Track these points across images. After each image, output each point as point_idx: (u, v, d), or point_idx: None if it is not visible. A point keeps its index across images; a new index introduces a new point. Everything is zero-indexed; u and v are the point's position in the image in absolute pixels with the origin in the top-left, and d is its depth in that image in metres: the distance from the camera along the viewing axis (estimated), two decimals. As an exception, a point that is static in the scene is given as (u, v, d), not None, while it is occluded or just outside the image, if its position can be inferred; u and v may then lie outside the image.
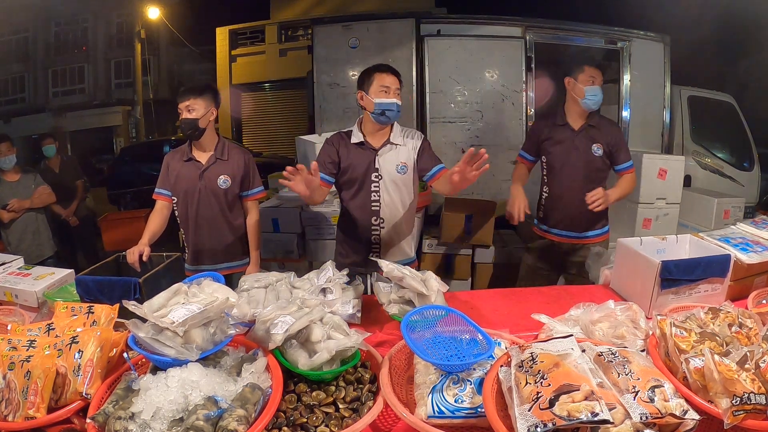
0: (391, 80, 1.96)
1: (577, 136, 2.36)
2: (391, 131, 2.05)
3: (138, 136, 12.71)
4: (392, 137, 2.04)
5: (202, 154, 2.20)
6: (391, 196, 2.05)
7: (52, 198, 3.66)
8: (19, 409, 0.99)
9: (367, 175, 2.03)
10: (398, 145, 2.04)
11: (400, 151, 2.04)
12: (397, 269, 1.44)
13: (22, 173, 3.54)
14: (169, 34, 12.89)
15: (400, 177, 2.04)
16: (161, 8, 11.79)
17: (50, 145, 4.25)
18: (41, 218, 3.59)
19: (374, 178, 2.03)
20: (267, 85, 10.63)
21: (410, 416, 0.97)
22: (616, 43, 4.52)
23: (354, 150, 2.04)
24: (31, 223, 3.50)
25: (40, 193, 3.54)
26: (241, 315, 1.24)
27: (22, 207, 3.44)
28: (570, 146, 2.37)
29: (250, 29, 10.39)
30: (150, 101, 12.96)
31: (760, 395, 0.90)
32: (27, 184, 3.52)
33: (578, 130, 2.36)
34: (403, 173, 2.04)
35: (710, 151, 4.88)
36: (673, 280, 1.48)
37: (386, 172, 2.03)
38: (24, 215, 3.46)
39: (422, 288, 1.40)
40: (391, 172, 2.03)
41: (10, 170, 3.46)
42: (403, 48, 4.20)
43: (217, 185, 2.18)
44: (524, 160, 2.55)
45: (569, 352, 0.96)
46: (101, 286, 1.44)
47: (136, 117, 12.79)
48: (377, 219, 2.07)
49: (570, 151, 2.37)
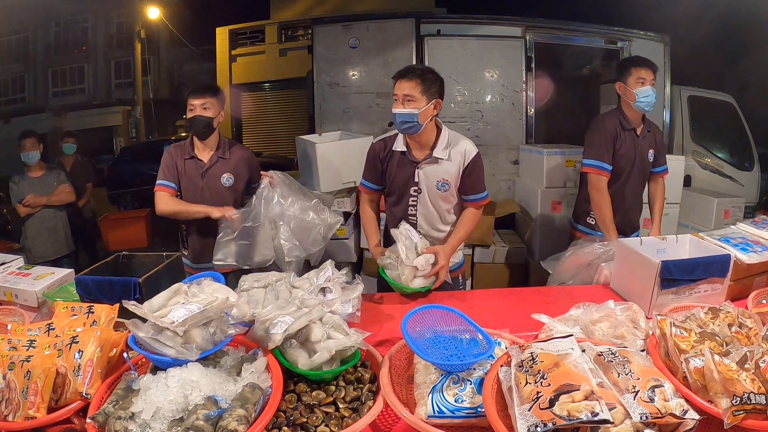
0: (399, 87, 1.79)
1: (640, 140, 2.31)
2: (436, 142, 1.88)
3: (138, 136, 12.71)
4: (435, 150, 1.87)
5: (204, 153, 2.20)
6: (429, 211, 1.95)
7: (71, 197, 3.67)
8: (19, 409, 0.99)
9: (406, 187, 1.93)
10: (441, 159, 1.87)
11: (442, 167, 1.89)
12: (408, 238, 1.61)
13: (46, 170, 3.57)
14: (169, 34, 12.88)
15: (441, 193, 1.91)
16: (161, 8, 11.79)
17: (70, 143, 4.39)
18: (60, 216, 3.60)
19: (413, 192, 1.93)
20: (267, 85, 10.62)
21: (410, 416, 0.97)
22: (616, 43, 4.52)
23: (397, 159, 1.93)
24: (48, 220, 3.52)
25: (59, 191, 3.56)
26: (240, 315, 1.24)
27: (38, 203, 3.45)
28: (635, 152, 2.30)
29: (250, 29, 10.38)
30: (150, 101, 12.96)
31: (760, 395, 0.90)
32: (49, 181, 3.54)
33: (640, 135, 2.31)
34: (444, 191, 1.91)
35: (710, 151, 4.88)
36: (673, 280, 1.48)
37: (426, 187, 1.91)
38: (42, 211, 3.48)
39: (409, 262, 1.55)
40: (431, 188, 1.91)
41: (35, 166, 3.49)
42: (403, 48, 4.20)
43: (221, 183, 2.18)
44: (606, 173, 2.24)
45: (569, 352, 0.96)
46: (101, 286, 1.44)
47: (136, 117, 12.79)
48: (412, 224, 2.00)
49: (635, 157, 2.30)
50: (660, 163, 2.42)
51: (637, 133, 2.30)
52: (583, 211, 2.45)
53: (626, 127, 2.28)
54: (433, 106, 1.80)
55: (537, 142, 4.34)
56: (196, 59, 13.67)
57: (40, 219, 3.49)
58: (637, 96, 2.18)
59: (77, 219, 4.27)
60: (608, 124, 2.28)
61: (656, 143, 2.38)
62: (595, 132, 2.30)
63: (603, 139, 2.25)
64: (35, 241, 3.50)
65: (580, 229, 2.49)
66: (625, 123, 2.28)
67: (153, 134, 12.75)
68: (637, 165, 2.32)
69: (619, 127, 2.27)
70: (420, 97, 1.77)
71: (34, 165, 3.48)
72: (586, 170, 2.30)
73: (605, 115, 2.38)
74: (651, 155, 2.35)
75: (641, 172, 2.35)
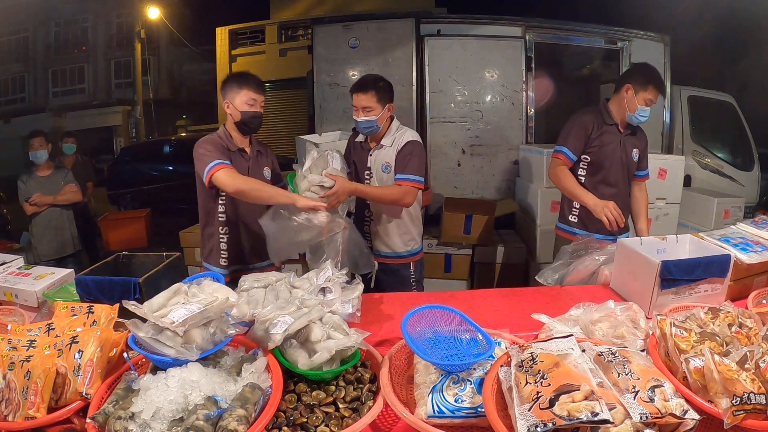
0: (357, 99, 2.09)
1: (623, 138, 2.32)
2: (386, 132, 2.21)
3: (138, 136, 12.72)
4: (384, 139, 2.20)
5: (245, 145, 2.09)
6: None
7: (77, 197, 3.71)
8: (19, 409, 0.99)
9: (361, 172, 2.27)
10: (385, 146, 2.20)
11: (386, 152, 2.20)
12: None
13: (54, 169, 3.62)
14: (169, 34, 12.90)
15: (386, 176, 2.20)
16: (161, 8, 11.79)
17: (70, 143, 4.47)
18: (66, 215, 3.64)
19: (366, 176, 2.25)
20: (267, 85, 10.60)
21: (410, 416, 0.97)
22: (616, 43, 4.52)
23: (358, 148, 2.30)
24: (54, 219, 3.55)
25: (65, 191, 3.59)
26: (240, 315, 1.24)
27: (44, 202, 3.49)
28: (617, 148, 2.31)
29: (250, 29, 10.37)
30: (150, 101, 12.97)
31: (760, 395, 0.90)
32: (56, 181, 3.58)
33: (623, 133, 2.32)
34: (386, 173, 2.20)
35: (710, 151, 4.88)
36: (673, 280, 1.47)
37: (375, 171, 2.22)
38: (48, 210, 3.52)
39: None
40: (378, 171, 2.21)
41: (43, 165, 3.54)
42: (403, 48, 4.20)
43: (263, 176, 2.10)
44: (567, 159, 2.30)
45: (569, 352, 0.96)
46: (101, 286, 1.44)
47: (136, 117, 12.80)
48: (368, 212, 2.30)
49: (617, 153, 2.31)
50: (642, 167, 2.43)
51: (620, 129, 2.32)
52: (565, 208, 2.46)
53: (608, 122, 2.30)
54: (387, 109, 2.14)
55: (537, 142, 4.34)
56: (196, 59, 13.69)
57: (47, 217, 3.53)
58: (637, 112, 2.22)
59: (79, 219, 4.28)
60: (585, 119, 2.31)
61: (641, 146, 2.38)
62: (569, 124, 2.35)
63: (574, 131, 2.31)
64: (42, 239, 3.54)
65: (559, 226, 2.49)
66: (608, 118, 2.31)
67: (153, 134, 12.76)
68: (619, 158, 2.31)
69: (599, 122, 2.30)
70: (376, 105, 2.09)
71: (42, 164, 3.53)
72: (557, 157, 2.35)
73: (586, 110, 2.40)
74: (635, 155, 2.35)
75: (624, 166, 2.34)
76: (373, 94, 2.08)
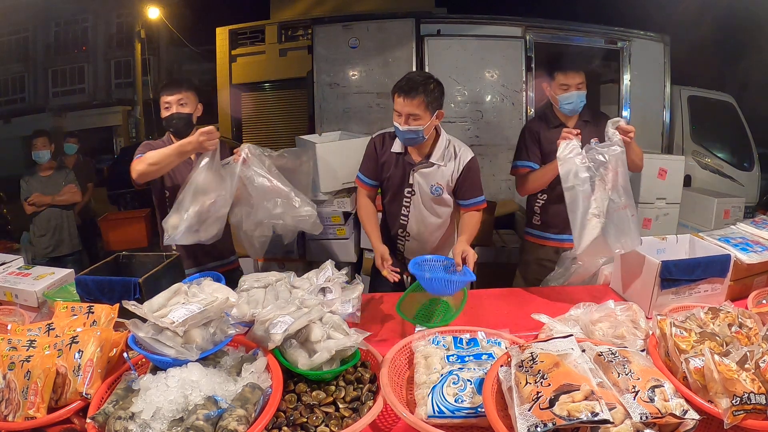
0: (402, 105, 1.73)
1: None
2: (434, 146, 1.88)
3: (138, 136, 12.69)
4: (432, 156, 1.88)
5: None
6: (421, 213, 1.97)
7: (77, 197, 3.73)
8: (19, 409, 0.99)
9: (401, 188, 1.95)
10: (437, 165, 1.88)
11: (439, 172, 1.89)
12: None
13: (56, 170, 3.64)
14: (169, 34, 12.88)
15: (434, 197, 1.93)
16: (161, 8, 11.77)
17: (72, 143, 4.46)
18: (67, 215, 3.66)
19: (407, 194, 1.95)
20: (267, 85, 10.61)
21: (410, 416, 0.97)
22: (616, 43, 4.52)
23: (394, 159, 1.93)
24: (54, 219, 3.57)
25: (65, 191, 3.61)
26: (240, 315, 1.24)
27: (43, 202, 3.51)
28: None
29: (250, 29, 10.36)
30: (150, 101, 12.93)
31: (760, 395, 0.90)
32: (57, 181, 3.60)
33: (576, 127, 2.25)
34: (437, 194, 1.92)
35: (710, 151, 4.88)
36: (673, 280, 1.48)
37: (420, 190, 1.93)
38: (48, 210, 3.54)
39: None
40: (425, 191, 1.92)
41: (45, 165, 3.56)
42: (403, 48, 4.19)
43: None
44: (529, 169, 2.22)
45: (569, 352, 0.96)
46: (101, 286, 1.44)
47: (136, 117, 12.79)
48: (403, 232, 2.03)
49: None
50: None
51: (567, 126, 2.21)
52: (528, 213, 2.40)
53: (553, 124, 2.24)
54: (435, 116, 1.78)
55: (537, 142, 4.33)
56: (196, 59, 13.66)
57: (47, 217, 3.55)
58: (560, 102, 2.17)
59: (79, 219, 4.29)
60: (531, 125, 2.30)
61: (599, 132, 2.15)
62: (519, 137, 2.31)
63: (523, 141, 2.27)
64: (42, 238, 3.56)
65: (526, 230, 2.41)
66: (553, 120, 2.26)
67: (153, 134, 12.72)
68: None
69: (543, 126, 2.25)
70: (424, 113, 1.73)
71: (45, 164, 3.55)
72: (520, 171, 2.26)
73: (533, 118, 2.37)
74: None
75: None
76: (422, 100, 1.71)
